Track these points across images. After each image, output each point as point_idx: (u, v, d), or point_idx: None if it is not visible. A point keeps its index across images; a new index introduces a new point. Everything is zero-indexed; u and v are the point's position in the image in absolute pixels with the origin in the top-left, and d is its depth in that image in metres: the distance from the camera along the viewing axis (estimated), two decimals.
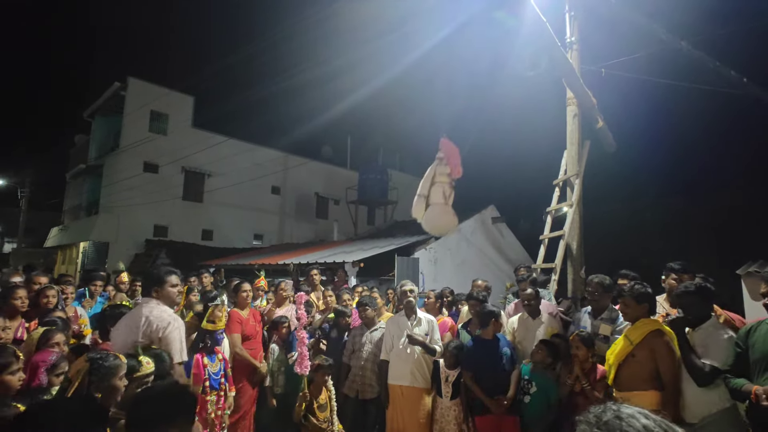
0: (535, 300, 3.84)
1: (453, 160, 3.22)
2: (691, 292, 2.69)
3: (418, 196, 3.24)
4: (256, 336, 4.20)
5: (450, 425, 3.57)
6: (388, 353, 3.85)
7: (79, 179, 19.21)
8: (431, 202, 3.19)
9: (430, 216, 3.15)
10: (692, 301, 2.69)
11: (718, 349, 2.56)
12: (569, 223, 5.85)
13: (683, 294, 2.73)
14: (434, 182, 3.22)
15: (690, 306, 2.71)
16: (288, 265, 9.73)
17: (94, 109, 18.56)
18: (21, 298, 3.24)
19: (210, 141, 17.41)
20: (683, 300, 2.74)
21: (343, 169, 22.93)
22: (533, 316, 3.84)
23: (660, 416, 0.90)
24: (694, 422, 2.57)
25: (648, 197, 15.43)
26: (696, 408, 2.59)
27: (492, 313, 3.61)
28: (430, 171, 3.24)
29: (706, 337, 2.63)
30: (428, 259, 10.16)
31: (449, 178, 3.18)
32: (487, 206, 12.46)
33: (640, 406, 2.81)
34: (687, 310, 2.75)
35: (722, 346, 2.57)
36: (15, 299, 3.20)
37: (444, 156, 3.22)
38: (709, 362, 2.53)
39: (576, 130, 6.06)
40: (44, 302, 3.54)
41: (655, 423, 0.87)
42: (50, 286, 3.74)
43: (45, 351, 2.45)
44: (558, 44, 5.01)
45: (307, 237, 20.07)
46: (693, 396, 2.60)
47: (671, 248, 9.42)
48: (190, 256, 14.58)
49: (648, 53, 6.02)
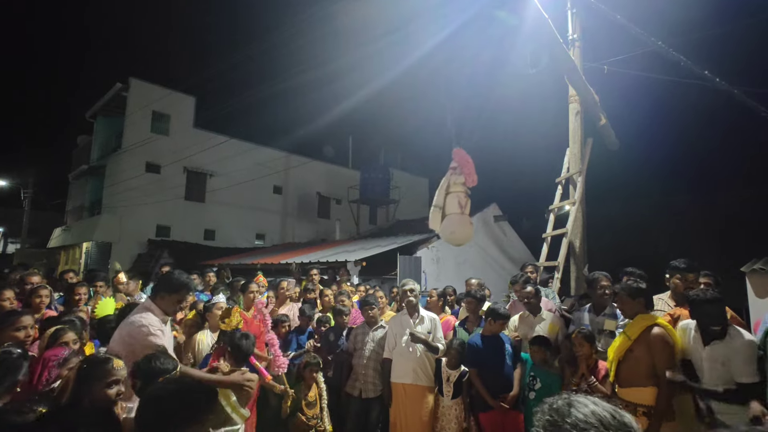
0: (534, 298, 3.89)
1: (467, 169, 3.22)
2: (717, 299, 2.60)
3: (434, 207, 3.25)
4: (260, 336, 4.21)
5: (451, 424, 3.57)
6: (391, 351, 3.85)
7: (82, 180, 19.28)
8: (447, 212, 3.19)
9: (447, 226, 3.16)
10: (715, 311, 2.60)
11: (743, 360, 2.50)
12: (572, 221, 5.83)
13: (705, 302, 2.62)
14: (449, 192, 3.22)
15: (712, 315, 2.62)
16: (290, 264, 9.74)
17: (97, 109, 18.61)
18: (9, 299, 3.26)
19: (212, 141, 17.44)
20: (696, 308, 2.66)
21: (344, 168, 22.94)
22: (534, 313, 3.87)
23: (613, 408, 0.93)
24: None
25: (651, 195, 15.39)
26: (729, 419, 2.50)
27: (497, 312, 3.63)
28: (444, 181, 3.25)
29: (727, 349, 2.56)
30: (430, 258, 10.16)
31: (464, 188, 3.18)
32: (489, 205, 12.45)
33: (640, 402, 2.76)
34: (709, 319, 2.64)
35: (747, 356, 2.51)
36: (2, 300, 3.23)
37: (458, 165, 3.22)
38: (738, 379, 2.45)
39: (578, 127, 6.04)
40: (37, 302, 3.52)
41: (603, 410, 0.90)
42: (43, 285, 3.71)
43: (56, 348, 2.46)
44: (560, 41, 4.99)
45: (309, 236, 20.10)
46: None
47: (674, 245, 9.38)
48: (192, 256, 14.62)
49: (651, 50, 5.98)
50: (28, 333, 2.57)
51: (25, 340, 2.53)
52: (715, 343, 2.61)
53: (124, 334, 2.45)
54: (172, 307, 2.65)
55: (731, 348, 2.56)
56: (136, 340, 2.41)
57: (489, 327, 3.64)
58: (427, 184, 26.13)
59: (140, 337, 2.41)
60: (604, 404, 0.93)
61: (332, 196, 22.49)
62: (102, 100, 18.03)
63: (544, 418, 0.93)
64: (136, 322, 2.47)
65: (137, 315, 2.54)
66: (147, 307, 2.60)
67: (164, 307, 2.62)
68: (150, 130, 17.00)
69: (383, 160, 22.10)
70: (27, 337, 2.55)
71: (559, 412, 0.91)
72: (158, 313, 2.58)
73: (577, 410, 0.90)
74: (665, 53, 5.43)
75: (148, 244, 16.50)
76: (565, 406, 0.92)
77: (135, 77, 17.03)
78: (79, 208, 19.23)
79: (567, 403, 0.93)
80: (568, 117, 6.14)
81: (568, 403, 0.92)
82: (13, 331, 2.48)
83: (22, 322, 2.55)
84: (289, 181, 20.96)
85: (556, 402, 0.95)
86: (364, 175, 19.93)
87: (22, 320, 2.56)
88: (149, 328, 2.43)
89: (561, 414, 0.91)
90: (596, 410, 0.90)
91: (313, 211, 22.02)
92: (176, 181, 17.53)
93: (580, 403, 0.92)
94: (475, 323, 4.05)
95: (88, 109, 19.05)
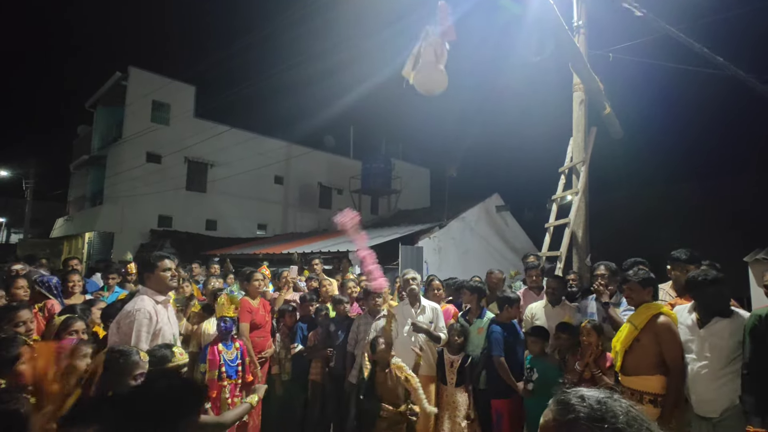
0: (557, 289, 3.92)
1: (447, 22, 3.24)
2: (708, 281, 2.60)
3: (409, 55, 3.29)
4: (265, 325, 4.24)
5: (459, 410, 3.59)
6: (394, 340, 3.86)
7: (83, 170, 19.26)
8: (423, 60, 3.21)
9: (420, 73, 3.17)
10: (709, 292, 2.61)
11: None
12: (574, 210, 5.80)
13: (700, 284, 2.63)
14: (427, 42, 3.25)
15: (706, 297, 2.63)
16: (292, 254, 9.76)
17: (96, 99, 18.51)
18: (23, 287, 3.32)
19: (212, 131, 17.36)
20: (699, 290, 2.65)
21: (346, 158, 22.85)
22: (553, 304, 3.90)
23: None
24: (714, 416, 2.55)
25: (655, 184, 15.28)
26: (716, 402, 2.55)
27: (508, 299, 3.67)
28: (424, 32, 3.28)
29: (724, 329, 2.57)
30: (432, 248, 10.16)
31: (442, 39, 3.19)
32: (491, 194, 12.41)
33: (646, 390, 2.78)
34: (703, 301, 2.66)
35: None
36: (17, 288, 3.29)
37: (440, 18, 3.25)
38: None
39: (582, 116, 5.96)
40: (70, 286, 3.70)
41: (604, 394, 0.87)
42: (20, 276, 3.67)
43: (65, 338, 2.49)
44: (565, 28, 4.91)
45: (311, 226, 20.11)
46: (713, 391, 2.56)
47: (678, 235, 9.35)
48: (194, 246, 14.66)
49: (657, 37, 5.88)
50: (27, 327, 2.57)
51: (26, 335, 2.53)
52: (718, 320, 2.60)
53: (119, 323, 2.48)
54: (161, 283, 2.63)
55: (737, 323, 2.56)
56: (122, 330, 2.43)
57: (505, 314, 3.69)
58: (429, 174, 26.05)
59: (125, 326, 2.43)
60: None
61: (334, 186, 22.45)
62: (101, 90, 17.93)
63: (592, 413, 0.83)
64: (124, 311, 2.50)
65: (130, 303, 2.56)
66: (140, 293, 2.61)
67: (154, 286, 2.61)
68: (150, 120, 16.91)
69: (385, 150, 21.97)
70: (27, 332, 2.55)
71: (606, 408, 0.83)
72: (152, 295, 2.58)
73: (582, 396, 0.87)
74: (674, 39, 5.34)
75: (150, 234, 16.54)
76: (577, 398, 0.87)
77: (134, 66, 16.89)
78: (81, 199, 19.25)
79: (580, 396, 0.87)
80: (571, 106, 6.07)
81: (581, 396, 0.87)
82: (12, 327, 2.49)
83: (21, 317, 2.56)
84: (290, 171, 20.90)
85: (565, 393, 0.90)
86: (365, 165, 19.86)
87: (20, 315, 2.56)
88: (136, 315, 2.43)
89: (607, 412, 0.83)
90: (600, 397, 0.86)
91: (315, 201, 22.00)
92: (177, 171, 17.49)
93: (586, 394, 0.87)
94: (476, 314, 4.06)
95: (88, 99, 18.95)
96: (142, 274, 2.69)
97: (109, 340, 2.52)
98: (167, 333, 2.56)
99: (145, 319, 2.44)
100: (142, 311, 2.44)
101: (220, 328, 3.68)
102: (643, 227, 12.17)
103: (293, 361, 4.28)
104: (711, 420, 2.56)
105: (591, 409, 0.83)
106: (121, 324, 2.45)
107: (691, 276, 2.73)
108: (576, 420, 0.83)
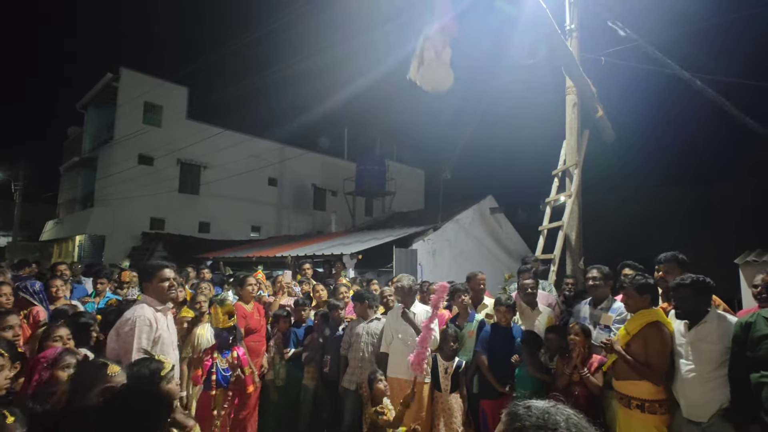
0: (534, 289, 3.91)
1: (447, 17, 3.24)
2: (686, 284, 2.64)
3: (413, 57, 3.28)
4: (260, 329, 4.18)
5: (454, 416, 3.57)
6: (388, 346, 3.83)
7: (74, 172, 19.02)
8: (425, 60, 3.20)
9: (424, 72, 3.17)
10: (686, 294, 2.64)
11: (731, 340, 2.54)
12: (568, 213, 5.82)
13: (677, 287, 2.69)
14: (427, 40, 3.25)
15: (684, 299, 2.66)
16: (286, 257, 9.70)
17: (87, 100, 18.29)
18: (6, 294, 3.21)
19: (205, 132, 17.23)
20: (677, 293, 2.70)
21: (340, 160, 22.80)
22: (531, 307, 3.87)
23: None
24: (703, 421, 2.56)
25: (647, 187, 15.41)
26: (705, 407, 2.56)
27: (500, 301, 3.71)
28: (423, 32, 3.28)
29: (711, 333, 2.59)
30: (426, 251, 10.15)
31: (442, 35, 3.19)
32: (485, 196, 12.43)
33: (634, 395, 2.82)
34: (681, 303, 2.69)
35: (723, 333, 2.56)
36: None
37: (440, 12, 3.25)
38: None
39: (575, 119, 6.00)
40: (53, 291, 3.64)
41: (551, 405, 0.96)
42: (4, 283, 3.53)
43: (48, 348, 2.40)
44: (558, 32, 4.93)
45: (305, 229, 20.02)
46: (701, 395, 2.58)
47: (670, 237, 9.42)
48: (187, 248, 14.52)
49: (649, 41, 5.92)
50: (16, 332, 2.53)
51: (14, 339, 2.47)
52: (704, 324, 2.63)
53: (118, 330, 2.47)
54: (160, 292, 2.63)
55: (712, 328, 2.60)
56: (121, 337, 2.43)
57: (499, 316, 3.72)
58: (424, 175, 26.07)
59: (125, 333, 2.43)
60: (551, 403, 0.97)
61: (328, 187, 22.38)
62: (92, 91, 17.71)
63: None
64: (124, 318, 2.50)
65: (129, 310, 2.55)
66: (141, 301, 2.62)
67: (153, 295, 2.62)
68: (142, 122, 16.74)
69: (379, 152, 21.95)
70: (15, 337, 2.50)
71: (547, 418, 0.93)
72: (152, 303, 2.58)
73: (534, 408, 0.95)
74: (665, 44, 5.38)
75: (142, 237, 16.36)
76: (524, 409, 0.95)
77: (126, 67, 16.73)
78: (72, 201, 19.01)
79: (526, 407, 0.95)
80: (564, 109, 6.10)
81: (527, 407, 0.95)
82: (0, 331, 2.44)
83: (8, 322, 2.51)
84: (284, 173, 20.81)
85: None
86: (359, 167, 19.81)
87: (8, 320, 2.52)
88: (136, 321, 2.43)
89: None
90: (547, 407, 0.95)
91: (309, 203, 21.92)
92: (170, 173, 17.33)
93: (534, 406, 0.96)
94: (465, 318, 4.04)
95: (79, 100, 18.73)
96: (142, 282, 2.70)
97: (108, 347, 2.50)
98: (167, 340, 2.57)
99: (146, 325, 2.45)
100: (142, 318, 2.46)
101: (219, 338, 3.49)
102: (635, 230, 12.25)
103: (287, 366, 4.24)
104: (700, 424, 2.56)
105: (536, 417, 0.92)
106: (120, 331, 2.45)
107: (674, 281, 2.78)
108: (522, 429, 0.92)
